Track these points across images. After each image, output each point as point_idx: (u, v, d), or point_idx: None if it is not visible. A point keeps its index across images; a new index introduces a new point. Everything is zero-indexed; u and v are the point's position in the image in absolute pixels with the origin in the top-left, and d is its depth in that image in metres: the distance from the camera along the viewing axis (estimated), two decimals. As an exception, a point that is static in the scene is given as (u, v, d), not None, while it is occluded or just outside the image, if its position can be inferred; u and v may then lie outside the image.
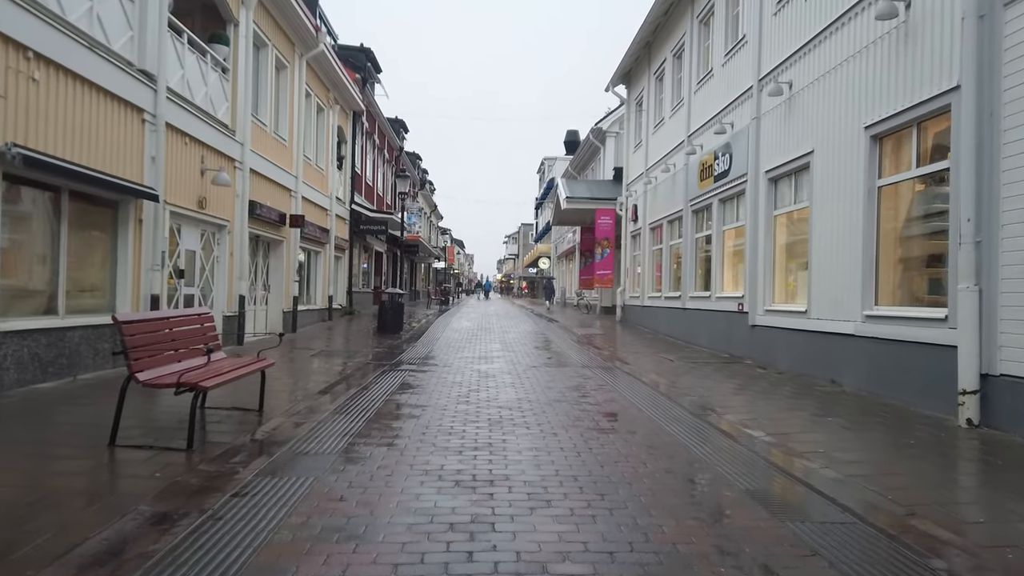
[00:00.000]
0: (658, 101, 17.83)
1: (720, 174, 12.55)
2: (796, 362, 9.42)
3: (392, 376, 8.91)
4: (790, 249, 10.35)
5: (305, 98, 16.54)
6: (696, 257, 14.43)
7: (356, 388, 7.81)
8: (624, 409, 6.76)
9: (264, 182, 13.65)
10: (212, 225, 11.48)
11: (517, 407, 6.75)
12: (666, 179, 16.39)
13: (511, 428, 5.76)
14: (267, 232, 14.00)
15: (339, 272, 21.04)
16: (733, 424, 5.99)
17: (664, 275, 16.57)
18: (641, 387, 8.27)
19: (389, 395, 7.39)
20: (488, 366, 10.20)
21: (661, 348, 13.05)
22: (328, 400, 6.97)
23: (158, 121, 9.14)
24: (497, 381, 8.58)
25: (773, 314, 10.28)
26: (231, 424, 5.70)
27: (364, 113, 23.73)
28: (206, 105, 10.95)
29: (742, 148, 11.53)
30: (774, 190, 10.55)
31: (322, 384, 7.96)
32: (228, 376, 5.40)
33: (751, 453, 5.02)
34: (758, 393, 7.74)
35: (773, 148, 10.38)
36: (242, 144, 12.21)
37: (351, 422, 5.91)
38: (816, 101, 9.05)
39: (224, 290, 11.83)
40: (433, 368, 9.87)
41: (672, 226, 16.32)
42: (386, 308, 15.88)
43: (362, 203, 23.37)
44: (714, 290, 12.89)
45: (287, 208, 15.05)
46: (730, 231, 12.62)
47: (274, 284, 14.99)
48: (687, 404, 7.01)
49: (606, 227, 21.43)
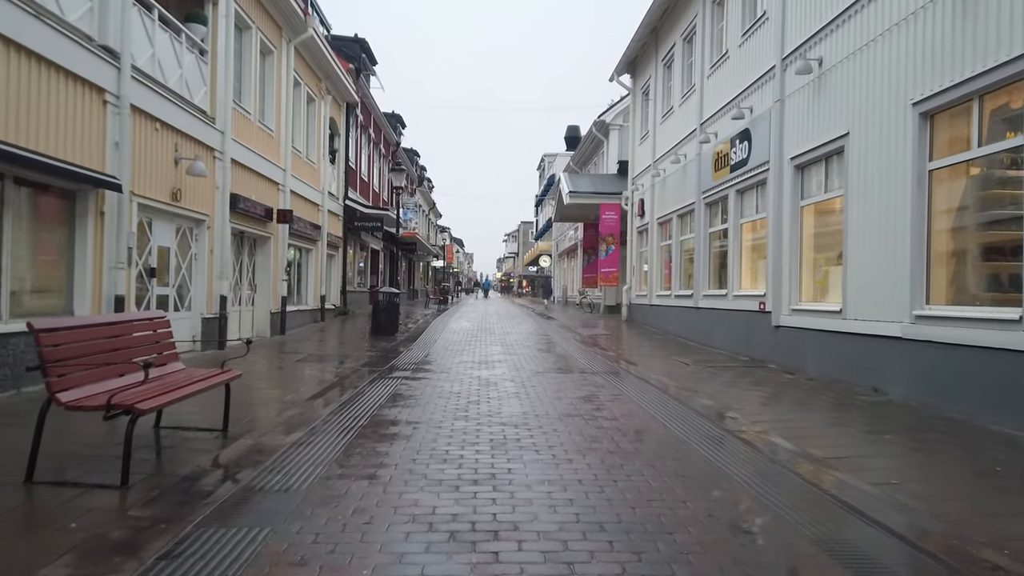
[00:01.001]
0: (666, 89, 16.93)
1: (737, 163, 11.66)
2: (828, 367, 8.54)
3: (383, 385, 8.02)
4: (819, 243, 9.46)
5: (294, 87, 15.63)
6: (710, 253, 13.54)
7: (341, 400, 6.92)
8: (646, 425, 5.87)
9: (248, 174, 12.75)
10: (189, 220, 10.58)
11: (523, 423, 5.87)
12: (676, 171, 15.50)
13: (517, 452, 4.87)
14: (252, 228, 13.10)
15: (332, 271, 20.14)
16: (777, 444, 5.11)
17: (674, 272, 15.68)
18: (659, 396, 7.39)
19: (377, 409, 6.51)
20: (489, 372, 9.32)
21: (673, 350, 12.17)
22: (307, 416, 6.08)
23: (122, 103, 8.24)
24: (499, 390, 7.70)
25: (800, 314, 9.39)
26: (186, 449, 4.82)
27: (359, 105, 22.82)
28: (181, 89, 10.06)
29: (763, 134, 10.64)
30: (800, 178, 9.65)
31: (303, 396, 7.07)
32: (177, 394, 4.51)
33: (808, 486, 4.14)
34: (794, 404, 6.85)
35: (800, 132, 9.49)
36: (222, 132, 11.32)
37: (329, 445, 5.02)
38: (851, 78, 8.16)
39: (203, 290, 10.94)
40: (429, 375, 8.99)
41: (683, 220, 15.43)
42: (380, 308, 14.99)
43: (357, 199, 22.47)
44: (731, 288, 12.00)
45: (274, 202, 14.15)
46: (749, 224, 11.73)
47: (261, 283, 14.09)
48: (716, 417, 6.13)
49: (611, 223, 20.53)
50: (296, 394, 7.18)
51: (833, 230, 8.96)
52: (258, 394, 7.28)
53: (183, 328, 10.52)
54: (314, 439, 5.20)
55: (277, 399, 6.92)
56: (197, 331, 10.81)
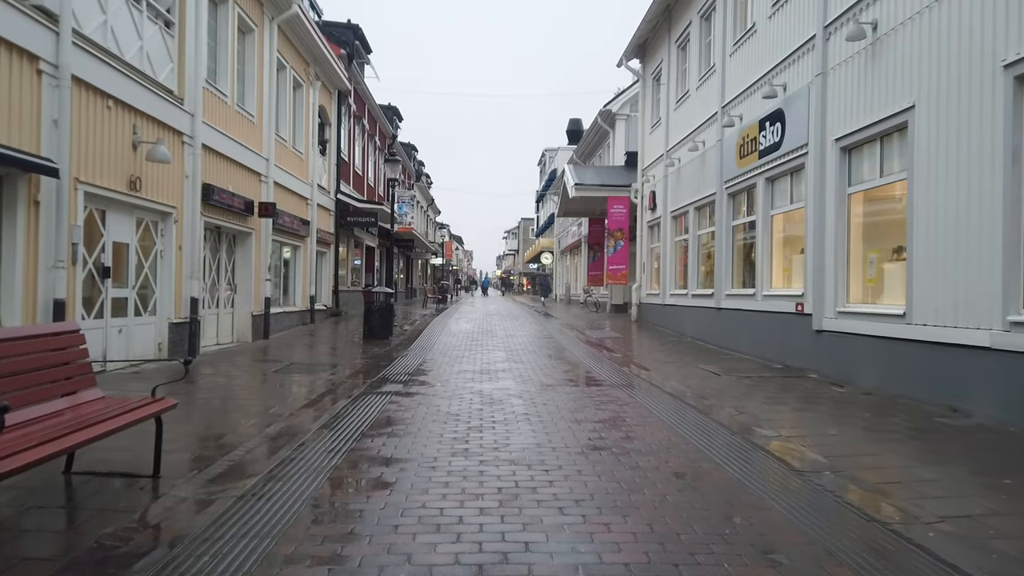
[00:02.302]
0: (681, 72, 15.70)
1: (768, 148, 10.45)
2: (888, 380, 7.34)
3: (370, 403, 6.81)
4: (871, 235, 8.27)
5: (278, 70, 14.41)
6: (733, 248, 12.33)
7: (315, 427, 5.71)
8: (694, 464, 4.66)
9: (224, 163, 11.53)
10: (152, 212, 9.37)
11: (538, 461, 4.66)
12: (693, 160, 14.28)
13: (535, 511, 3.67)
14: (230, 222, 11.89)
15: (323, 269, 18.93)
16: (878, 500, 3.90)
17: (691, 270, 14.47)
18: (697, 419, 6.18)
19: (359, 439, 5.30)
20: (492, 385, 8.12)
21: (695, 356, 10.96)
22: (266, 452, 4.88)
23: (61, 73, 7.02)
24: (506, 411, 6.49)
25: (850, 317, 8.19)
26: (93, 507, 3.62)
27: (351, 94, 21.57)
28: (140, 63, 8.85)
29: (799, 114, 9.43)
30: (847, 162, 8.44)
31: (268, 421, 5.87)
32: (71, 441, 3.31)
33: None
34: (865, 429, 5.65)
35: (847, 109, 8.28)
36: (192, 115, 10.10)
37: (288, 500, 3.82)
38: (918, 41, 6.95)
39: (170, 292, 9.73)
40: (423, 389, 7.78)
41: (700, 213, 14.21)
42: (373, 310, 13.78)
43: (350, 193, 21.25)
44: (760, 287, 10.80)
45: (255, 195, 12.93)
46: (781, 216, 10.52)
47: (241, 283, 12.88)
48: (780, 453, 4.92)
49: (619, 217, 19.32)
50: (262, 418, 5.98)
51: (890, 220, 7.76)
52: (215, 419, 6.08)
53: (146, 336, 9.32)
54: (270, 490, 3.99)
55: (237, 426, 5.71)
56: (164, 338, 9.61)
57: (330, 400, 7.02)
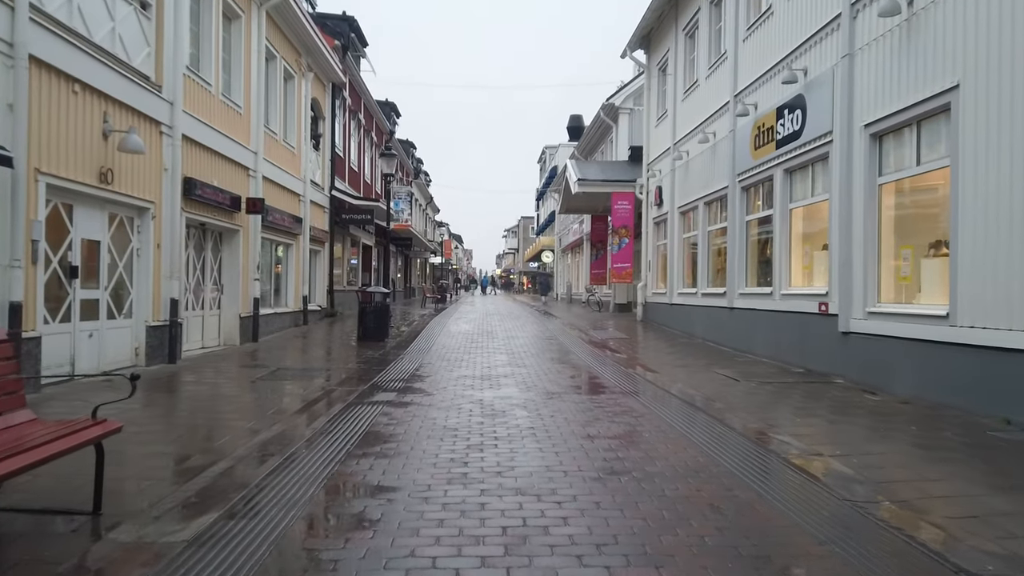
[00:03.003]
0: (689, 61, 15.04)
1: (786, 137, 9.79)
2: (927, 387, 6.69)
3: (358, 416, 6.16)
4: (905, 229, 7.62)
5: (267, 59, 13.73)
6: (747, 245, 11.68)
7: (294, 447, 5.06)
8: (730, 493, 4.00)
9: (208, 156, 10.87)
10: (126, 207, 8.71)
11: (549, 491, 4.01)
12: (703, 152, 13.62)
13: (547, 559, 3.01)
14: (215, 219, 11.23)
15: (317, 268, 18.26)
16: (960, 542, 3.25)
17: (700, 267, 13.81)
18: (723, 433, 5.53)
19: (342, 462, 4.65)
20: (494, 393, 7.47)
21: (709, 359, 10.32)
22: (233, 479, 4.22)
23: (16, 52, 6.36)
24: (509, 424, 5.84)
25: (881, 318, 7.54)
26: (10, 558, 2.97)
27: (346, 87, 20.90)
28: (112, 46, 8.19)
29: (823, 99, 8.77)
30: (878, 149, 7.78)
31: (242, 439, 5.21)
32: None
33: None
34: (916, 447, 4.99)
35: (878, 92, 7.63)
36: (171, 103, 9.43)
37: (245, 548, 3.16)
38: (962, 11, 6.29)
39: (148, 293, 9.07)
40: (418, 398, 7.13)
41: (711, 208, 13.56)
42: (367, 311, 13.13)
43: (345, 189, 20.58)
44: (778, 285, 10.14)
45: (243, 190, 12.26)
46: (801, 210, 9.87)
47: (228, 283, 12.22)
48: (821, 474, 4.27)
49: (624, 213, 18.65)
50: (236, 435, 5.32)
51: (928, 212, 7.12)
52: (184, 435, 5.42)
53: (121, 340, 8.66)
54: (229, 532, 3.34)
55: (207, 445, 5.06)
56: (141, 343, 8.95)
57: (315, 412, 6.36)
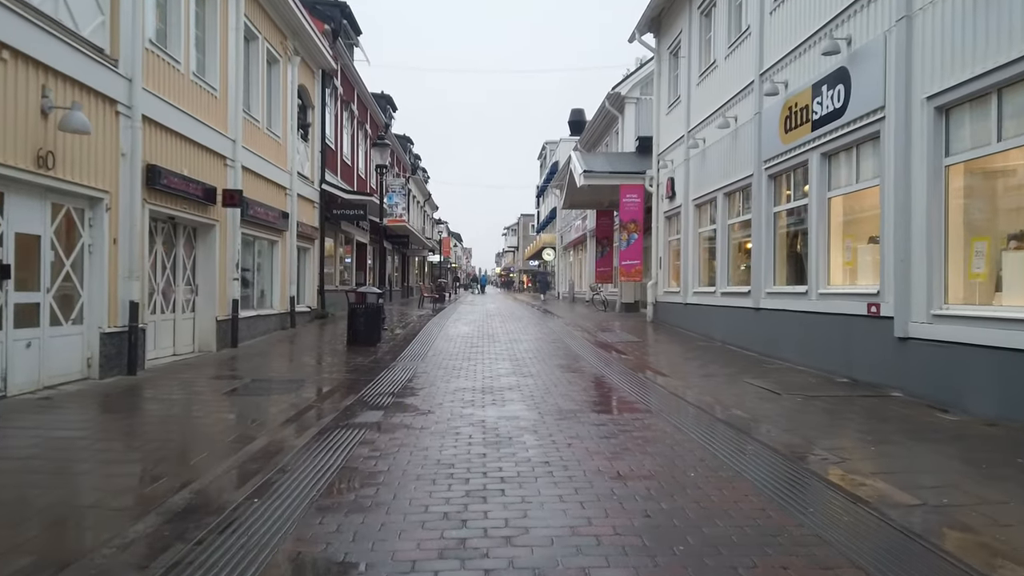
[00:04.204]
0: (704, 42, 13.92)
1: (825, 116, 8.68)
2: (1016, 405, 5.59)
3: (332, 446, 5.06)
4: (979, 218, 6.51)
5: (247, 39, 12.63)
6: (775, 239, 10.56)
7: (239, 495, 3.94)
8: (831, 574, 2.90)
9: (177, 141, 9.75)
10: (74, 196, 7.59)
11: (578, 572, 2.90)
12: (722, 139, 12.50)
13: None
14: (186, 212, 10.10)
15: (306, 267, 17.13)
16: None
17: (720, 264, 12.70)
18: (780, 466, 4.43)
19: (298, 522, 3.53)
20: (497, 412, 6.36)
21: (735, 367, 9.22)
22: (142, 550, 3.11)
23: (-84, 5, 5.25)
24: (517, 457, 4.73)
25: (951, 322, 6.42)
26: None
27: (338, 76, 19.78)
28: (55, 10, 7.06)
29: (872, 71, 7.66)
30: (944, 125, 6.67)
31: (179, 482, 4.10)
32: None
33: None
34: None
35: (945, 59, 6.51)
36: (130, 80, 8.32)
37: None
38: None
39: (102, 295, 7.96)
40: (408, 418, 6.02)
41: (731, 199, 12.44)
42: (358, 313, 12.03)
43: (337, 183, 19.45)
44: (814, 283, 9.03)
45: (219, 181, 11.14)
46: (842, 198, 8.77)
47: (203, 283, 11.10)
48: (956, 546, 3.16)
49: (633, 207, 17.53)
50: (174, 477, 4.21)
51: (1010, 198, 6.01)
52: (106, 477, 4.30)
53: (68, 350, 7.56)
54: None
55: (128, 492, 3.95)
56: (94, 352, 7.85)
57: (282, 440, 5.26)
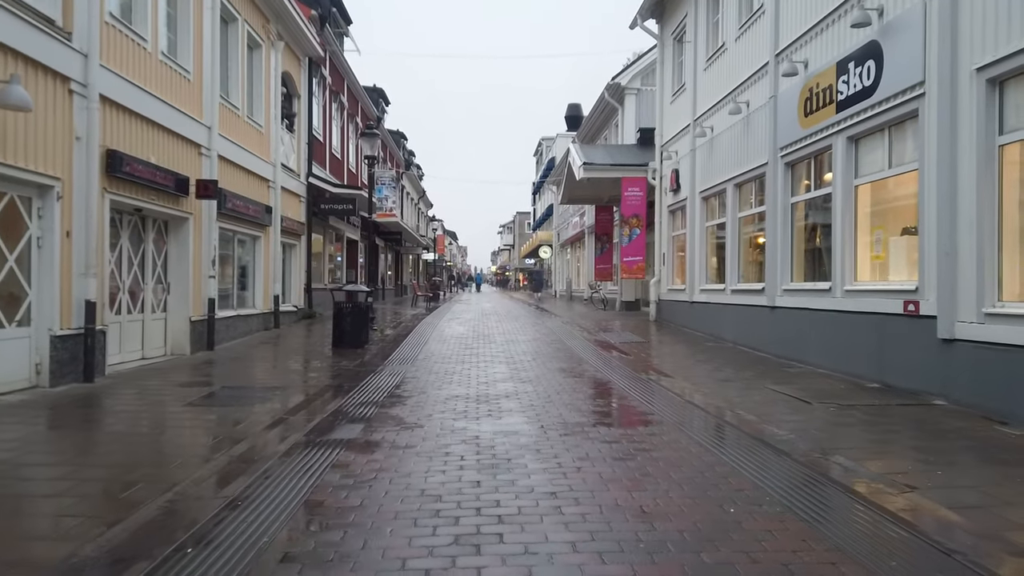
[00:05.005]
0: (712, 24, 13.16)
1: (852, 96, 7.91)
2: (1094, 418, 4.84)
3: (299, 471, 4.27)
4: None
5: (225, 20, 11.80)
6: (792, 231, 9.81)
7: (167, 548, 3.15)
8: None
9: (143, 126, 8.93)
10: (17, 183, 6.77)
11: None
12: (732, 126, 11.74)
13: None
14: (155, 203, 9.29)
15: (292, 264, 16.30)
16: None
17: (730, 260, 11.94)
18: (837, 499, 3.67)
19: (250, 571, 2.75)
20: (493, 426, 5.58)
21: (752, 370, 8.47)
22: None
23: None
24: (517, 486, 3.95)
25: (1007, 321, 5.67)
26: None
27: (326, 64, 18.96)
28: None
29: (909, 42, 6.91)
30: (997, 100, 5.92)
31: (99, 524, 3.30)
32: None
33: None
34: None
35: (999, 23, 5.75)
36: (86, 55, 7.50)
37: None
38: None
39: (53, 294, 7.14)
40: (391, 434, 5.23)
41: (742, 191, 11.69)
42: (344, 313, 11.22)
43: (325, 177, 18.63)
44: (839, 280, 8.27)
45: (193, 170, 10.32)
46: (870, 185, 8.02)
47: (176, 281, 10.28)
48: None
49: (635, 201, 16.76)
50: (93, 520, 3.41)
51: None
52: (14, 517, 3.51)
53: (14, 354, 6.75)
54: None
55: (32, 536, 3.15)
56: (43, 357, 7.03)
57: (241, 462, 4.46)
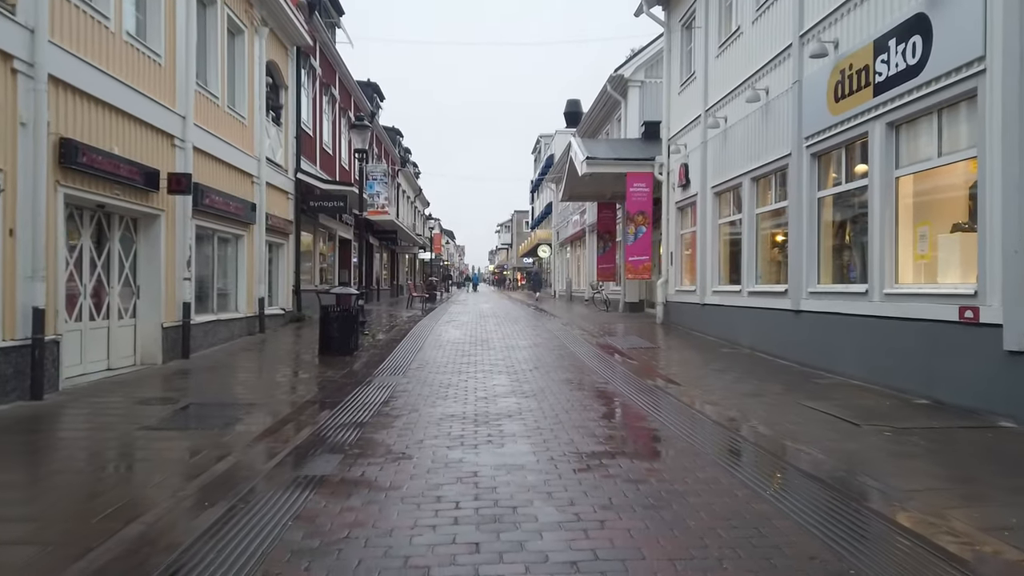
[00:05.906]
0: (725, 8, 12.32)
1: (892, 77, 7.08)
2: None
3: (253, 525, 3.42)
4: None
5: (200, 3, 10.93)
6: (818, 228, 8.98)
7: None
8: None
9: (104, 112, 8.07)
10: (-53, 175, 5.92)
11: None
12: (749, 116, 10.91)
13: None
14: (120, 199, 8.42)
15: (279, 265, 15.43)
16: None
17: (746, 259, 11.11)
18: (938, 568, 2.84)
19: None
20: (494, 457, 4.73)
21: (778, 381, 7.64)
22: None
23: None
24: (527, 554, 3.12)
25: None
26: None
27: (315, 55, 18.10)
28: (-90, -72, 5.37)
29: (964, 13, 6.07)
30: (1080, 74, 5.09)
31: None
32: None
33: None
34: None
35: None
36: (31, 31, 6.63)
37: None
38: None
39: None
40: (373, 471, 4.38)
41: (760, 185, 10.85)
42: (331, 318, 10.37)
43: (315, 173, 17.76)
44: (877, 282, 7.44)
45: (165, 163, 9.45)
46: (912, 177, 7.19)
47: (146, 284, 9.42)
48: None
49: (641, 197, 15.91)
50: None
51: None
52: None
53: (-57, 370, 5.87)
54: None
55: None
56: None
57: (185, 512, 3.61)
